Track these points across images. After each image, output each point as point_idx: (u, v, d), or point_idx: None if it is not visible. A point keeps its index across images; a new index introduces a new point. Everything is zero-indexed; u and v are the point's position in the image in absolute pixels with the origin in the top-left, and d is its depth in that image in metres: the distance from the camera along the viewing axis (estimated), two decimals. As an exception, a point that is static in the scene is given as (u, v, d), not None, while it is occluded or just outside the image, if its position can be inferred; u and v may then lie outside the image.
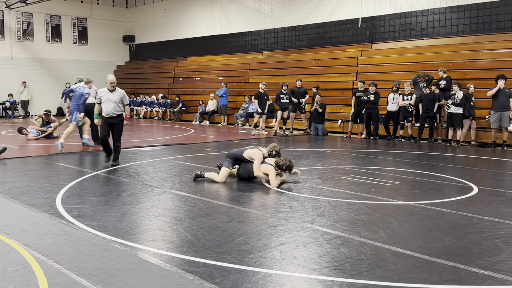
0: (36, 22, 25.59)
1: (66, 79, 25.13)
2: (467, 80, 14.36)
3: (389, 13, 17.66)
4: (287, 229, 5.14)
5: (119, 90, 9.42)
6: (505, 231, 5.18)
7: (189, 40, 25.57)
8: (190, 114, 22.06)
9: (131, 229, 5.14)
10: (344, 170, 9.16)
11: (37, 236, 4.82)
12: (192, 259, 4.19)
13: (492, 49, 14.74)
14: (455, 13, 16.06)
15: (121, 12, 28.77)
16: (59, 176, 8.12)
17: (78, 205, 6.09)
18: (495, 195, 7.02)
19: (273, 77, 19.34)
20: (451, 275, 3.92)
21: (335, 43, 19.34)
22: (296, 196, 6.74)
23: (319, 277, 3.85)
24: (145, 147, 12.10)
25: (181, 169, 8.98)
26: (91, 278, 3.74)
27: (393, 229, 5.22)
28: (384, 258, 4.30)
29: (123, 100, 9.30)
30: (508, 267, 4.09)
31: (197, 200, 6.51)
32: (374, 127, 14.91)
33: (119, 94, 9.31)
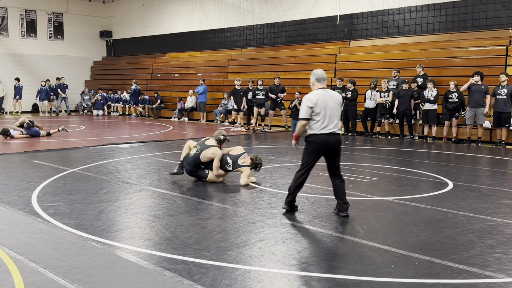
0: (11, 16, 25.06)
1: (42, 75, 24.77)
2: (443, 77, 14.60)
3: (366, 11, 17.81)
4: (266, 226, 5.16)
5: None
6: (479, 225, 5.29)
7: (167, 36, 25.37)
8: (168, 110, 21.92)
9: (109, 227, 5.10)
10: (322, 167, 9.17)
11: (12, 235, 4.75)
12: (171, 257, 4.18)
13: (467, 47, 15.00)
14: (431, 11, 16.28)
15: (97, 7, 28.37)
16: (35, 173, 8.00)
17: (54, 203, 6.01)
18: (470, 190, 7.16)
19: (252, 74, 19.33)
20: (426, 269, 3.99)
21: (313, 40, 19.43)
22: (275, 193, 6.77)
23: (297, 273, 3.88)
24: (123, 144, 11.98)
25: (160, 166, 8.93)
26: (68, 277, 3.70)
27: (370, 224, 5.28)
28: (362, 253, 4.35)
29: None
30: (482, 261, 4.18)
31: (176, 197, 6.48)
32: (352, 124, 15.03)
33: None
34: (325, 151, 5.51)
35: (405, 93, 13.77)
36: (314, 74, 5.65)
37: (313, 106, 5.40)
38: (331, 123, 5.46)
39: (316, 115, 5.41)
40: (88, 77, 28.18)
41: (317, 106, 5.39)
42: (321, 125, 5.42)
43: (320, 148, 5.47)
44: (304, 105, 5.47)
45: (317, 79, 5.61)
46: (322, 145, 5.45)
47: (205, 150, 7.27)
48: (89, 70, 28.38)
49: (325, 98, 5.45)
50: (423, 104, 13.54)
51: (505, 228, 5.22)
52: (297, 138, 5.74)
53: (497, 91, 12.44)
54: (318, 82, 5.59)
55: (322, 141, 5.44)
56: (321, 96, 5.45)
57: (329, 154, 5.53)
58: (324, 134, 5.43)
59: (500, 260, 4.22)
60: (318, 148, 5.47)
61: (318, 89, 5.55)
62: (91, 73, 28.40)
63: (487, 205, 6.21)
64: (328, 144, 5.46)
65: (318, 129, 5.43)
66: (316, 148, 5.47)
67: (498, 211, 5.91)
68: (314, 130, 5.46)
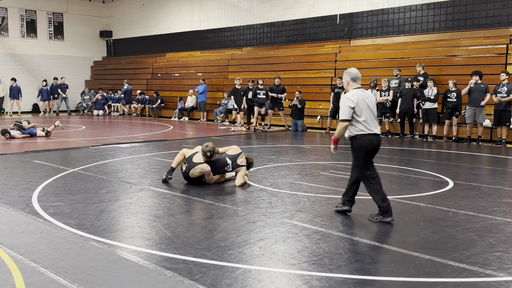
0: (11, 17, 25.05)
1: (42, 75, 24.75)
2: (443, 76, 14.59)
3: (366, 10, 17.80)
4: (266, 225, 5.16)
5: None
6: (480, 224, 5.29)
7: (167, 35, 25.37)
8: (169, 110, 21.92)
9: (109, 226, 5.10)
10: (323, 166, 9.23)
11: (13, 235, 4.75)
12: (171, 256, 4.18)
13: (467, 46, 14.99)
14: (431, 10, 16.27)
15: (97, 7, 28.36)
16: (35, 173, 8.00)
17: (54, 203, 6.01)
18: (470, 189, 7.16)
19: (252, 73, 19.32)
20: (427, 268, 3.99)
21: (313, 40, 19.42)
22: (276, 192, 6.77)
23: (298, 272, 3.89)
24: (123, 144, 11.99)
25: (160, 166, 8.93)
26: (69, 277, 3.71)
27: (371, 223, 5.28)
28: (362, 252, 4.35)
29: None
30: (482, 260, 4.18)
31: (176, 197, 6.48)
32: (352, 123, 15.00)
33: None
34: (371, 152, 5.32)
35: (407, 92, 13.75)
36: (349, 73, 5.38)
37: (354, 106, 5.17)
38: (374, 123, 5.30)
39: (358, 116, 5.19)
40: (88, 77, 28.18)
41: (358, 106, 5.18)
42: (365, 126, 5.22)
43: (368, 148, 5.27)
44: (344, 105, 5.22)
45: (352, 79, 5.34)
46: (369, 146, 5.26)
47: (192, 169, 7.04)
48: (89, 70, 28.38)
49: (364, 98, 5.25)
50: (424, 103, 13.54)
51: (505, 226, 5.22)
52: (337, 141, 5.48)
53: (498, 90, 12.44)
54: (354, 81, 5.34)
55: (369, 142, 5.25)
56: (360, 96, 5.23)
57: (372, 154, 5.35)
58: (372, 134, 5.25)
59: (500, 258, 4.22)
60: (366, 149, 5.27)
61: (354, 89, 5.31)
62: (91, 73, 28.39)
63: (488, 204, 6.21)
64: (374, 145, 5.28)
65: (363, 130, 5.22)
66: (365, 150, 5.27)
67: (498, 210, 5.91)
68: (359, 131, 5.24)
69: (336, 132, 5.40)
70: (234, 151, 7.47)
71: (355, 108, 5.18)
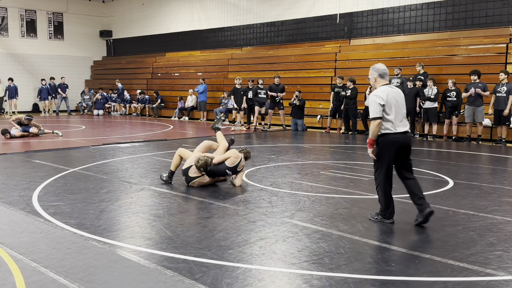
0: (11, 16, 25.05)
1: (42, 75, 24.73)
2: (443, 75, 14.59)
3: (366, 9, 17.79)
4: (266, 224, 5.16)
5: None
6: (480, 223, 5.29)
7: (167, 35, 25.36)
8: (169, 110, 21.92)
9: (110, 226, 5.10)
10: (323, 165, 9.23)
11: (13, 235, 4.75)
12: (172, 256, 4.18)
13: (467, 45, 14.98)
14: (431, 9, 16.27)
15: (97, 6, 28.35)
16: (35, 173, 8.00)
17: (55, 203, 6.01)
18: (470, 188, 7.16)
19: (252, 73, 19.32)
20: (427, 267, 4.00)
21: (313, 39, 19.41)
22: (276, 191, 6.77)
23: (298, 271, 3.89)
24: (123, 144, 11.99)
25: (160, 165, 8.93)
26: (69, 276, 3.71)
27: (371, 222, 5.28)
28: (362, 252, 4.35)
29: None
30: (482, 259, 4.18)
31: (176, 196, 6.49)
32: (353, 123, 15.04)
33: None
34: (399, 151, 5.06)
35: (410, 91, 13.73)
36: (376, 69, 5.15)
37: (384, 103, 4.95)
38: (403, 120, 5.08)
39: (387, 114, 4.97)
40: (88, 77, 28.18)
41: (388, 103, 4.97)
42: (394, 124, 4.99)
43: (394, 148, 5.01)
44: (374, 103, 4.97)
45: (380, 75, 5.11)
46: (397, 144, 5.01)
47: (191, 183, 7.00)
48: (89, 70, 28.38)
49: (393, 95, 5.04)
50: (424, 102, 13.55)
51: (505, 226, 5.22)
52: (373, 143, 5.12)
53: (497, 89, 12.45)
54: (381, 78, 5.12)
55: (397, 140, 4.99)
56: (389, 92, 5.02)
57: (402, 154, 5.10)
58: (399, 133, 5.00)
59: (500, 258, 4.22)
60: (392, 149, 5.01)
61: (382, 85, 5.10)
62: (91, 73, 28.39)
63: (488, 203, 6.22)
64: (404, 143, 5.04)
65: (392, 128, 4.99)
66: (390, 149, 5.01)
67: (498, 209, 5.92)
68: (387, 130, 5.00)
69: (370, 133, 5.09)
70: (233, 162, 7.05)
71: (385, 105, 4.97)
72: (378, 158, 5.13)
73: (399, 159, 5.15)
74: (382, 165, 5.11)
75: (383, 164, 5.10)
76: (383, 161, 5.10)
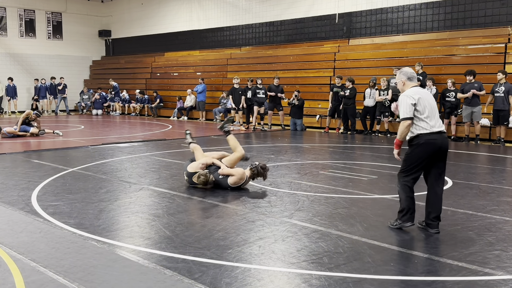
0: (10, 16, 25.02)
1: (41, 74, 24.72)
2: (442, 75, 14.60)
3: (365, 9, 17.80)
4: (266, 224, 5.16)
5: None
6: (479, 223, 5.30)
7: (166, 35, 25.35)
8: (168, 109, 21.92)
9: (109, 226, 5.11)
10: (322, 165, 9.24)
11: (13, 234, 4.75)
12: (171, 255, 4.18)
13: (466, 45, 15.00)
14: (430, 9, 16.28)
15: (96, 6, 28.33)
16: (34, 173, 8.00)
17: (54, 203, 6.01)
18: (469, 188, 7.17)
19: (251, 73, 19.34)
20: (426, 267, 4.00)
21: (312, 39, 19.42)
22: (275, 191, 6.77)
23: (297, 271, 3.89)
24: (122, 143, 11.98)
25: (159, 165, 8.93)
26: (68, 276, 3.71)
27: (370, 222, 5.29)
28: (361, 251, 4.36)
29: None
30: (481, 259, 4.19)
31: (175, 196, 6.49)
32: (351, 122, 15.05)
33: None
34: (436, 154, 4.86)
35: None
36: (405, 73, 5.03)
37: (415, 102, 4.78)
38: (438, 121, 4.88)
39: (420, 113, 4.80)
40: (87, 77, 28.16)
41: (420, 103, 4.80)
42: (429, 124, 4.81)
43: (431, 150, 4.83)
44: (405, 103, 4.82)
45: (409, 78, 4.99)
46: (434, 146, 4.82)
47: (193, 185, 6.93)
48: (88, 70, 28.36)
49: (425, 95, 4.89)
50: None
51: (504, 225, 5.23)
52: (400, 144, 4.96)
53: (495, 89, 12.47)
54: (410, 80, 4.99)
55: (433, 141, 4.81)
56: (420, 92, 4.89)
57: (438, 157, 4.90)
58: (435, 133, 4.82)
59: (499, 257, 4.23)
60: (428, 150, 4.82)
61: (412, 87, 4.97)
62: (90, 73, 28.37)
63: (486, 203, 6.23)
64: (441, 144, 4.85)
65: (427, 128, 4.80)
66: (426, 151, 4.82)
67: (497, 209, 5.93)
68: (422, 130, 4.81)
69: (398, 134, 4.93)
70: (235, 182, 6.77)
71: (417, 104, 4.81)
72: (408, 160, 4.93)
73: (432, 163, 4.92)
74: (412, 167, 4.90)
75: (414, 166, 4.90)
76: (414, 163, 4.89)
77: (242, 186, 6.88)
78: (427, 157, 4.86)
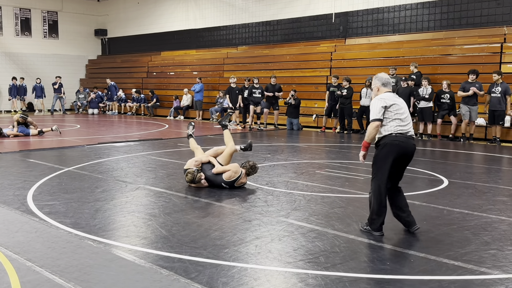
0: (5, 15, 24.93)
1: (37, 73, 24.63)
2: (438, 75, 14.64)
3: (362, 9, 17.82)
4: (262, 223, 5.16)
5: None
6: (475, 222, 5.32)
7: (162, 34, 25.31)
8: (164, 109, 21.89)
9: (105, 225, 5.09)
10: (318, 164, 9.24)
11: (8, 234, 4.74)
12: (167, 255, 4.18)
13: (462, 45, 15.04)
14: (426, 9, 16.32)
15: (92, 5, 28.25)
16: (30, 172, 7.97)
17: (50, 202, 5.99)
18: (465, 187, 7.19)
19: (248, 72, 19.33)
20: (422, 266, 4.01)
21: (309, 38, 19.43)
22: (271, 191, 6.77)
23: (294, 270, 3.89)
24: (118, 143, 11.96)
25: (156, 164, 8.92)
26: (64, 276, 3.70)
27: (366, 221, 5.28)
28: (358, 250, 4.37)
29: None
30: (477, 258, 4.20)
31: (172, 195, 6.48)
32: (348, 122, 15.07)
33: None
34: (401, 157, 4.82)
35: (404, 90, 13.75)
36: (379, 78, 5.06)
37: (386, 105, 4.80)
38: (409, 125, 4.87)
39: (392, 114, 4.80)
40: (83, 76, 28.09)
41: (392, 106, 4.81)
42: (398, 125, 4.80)
43: (396, 152, 4.77)
44: (376, 105, 4.84)
45: (383, 84, 5.02)
46: (400, 148, 4.77)
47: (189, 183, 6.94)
48: (84, 69, 28.28)
49: (397, 100, 4.90)
50: (419, 102, 13.60)
51: (500, 224, 5.25)
52: (367, 146, 4.97)
53: (492, 89, 12.50)
54: (384, 86, 5.02)
55: (399, 143, 4.76)
56: (393, 97, 4.93)
57: (403, 161, 4.87)
58: (403, 136, 4.79)
59: (495, 256, 4.24)
60: (394, 152, 4.78)
61: (385, 92, 4.99)
62: (86, 72, 28.30)
63: (482, 202, 6.25)
64: (407, 148, 4.81)
65: (394, 129, 4.79)
66: (392, 152, 4.77)
67: (493, 208, 5.95)
68: (389, 131, 4.80)
69: (366, 135, 4.96)
70: (230, 176, 6.80)
71: (388, 107, 4.82)
72: (378, 163, 4.87)
73: (397, 166, 4.87)
74: (380, 169, 4.84)
75: (381, 168, 4.83)
76: (381, 165, 4.83)
77: (237, 182, 6.85)
78: (391, 159, 4.79)
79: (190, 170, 6.80)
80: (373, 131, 4.86)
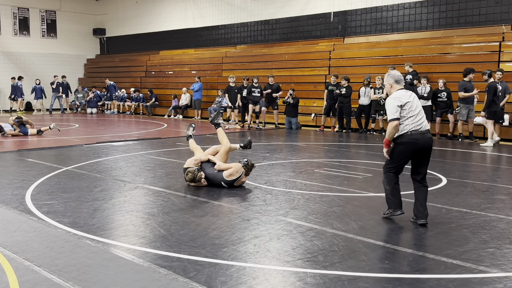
0: (3, 14, 24.89)
1: (35, 73, 24.62)
2: (436, 74, 14.64)
3: (360, 8, 17.83)
4: (261, 222, 5.16)
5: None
6: (473, 221, 5.32)
7: (161, 33, 25.29)
8: (163, 108, 21.87)
9: (103, 225, 5.09)
10: (317, 163, 9.25)
11: (7, 233, 4.73)
12: (166, 254, 4.17)
13: (460, 43, 15.05)
14: (424, 8, 16.33)
15: (90, 4, 28.22)
16: (28, 172, 7.96)
17: (48, 201, 5.98)
18: (463, 186, 7.19)
19: (247, 71, 19.32)
20: (420, 265, 4.01)
21: (307, 37, 19.43)
22: (270, 190, 6.77)
23: (292, 269, 3.89)
24: (117, 142, 11.95)
25: (154, 164, 8.92)
26: (63, 275, 3.70)
27: (365, 220, 5.30)
28: (356, 249, 4.37)
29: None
30: (475, 256, 4.20)
31: (170, 195, 6.47)
32: (347, 121, 15.07)
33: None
34: (418, 152, 5.07)
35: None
36: (392, 76, 5.24)
37: (402, 104, 5.00)
38: (424, 121, 5.10)
39: (406, 112, 5.01)
40: (82, 75, 28.06)
41: (406, 105, 5.01)
42: (413, 122, 5.02)
43: (412, 148, 5.04)
44: (392, 105, 5.03)
45: (396, 81, 5.20)
46: (417, 145, 5.02)
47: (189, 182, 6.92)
48: (82, 68, 28.25)
49: (410, 97, 5.10)
50: (417, 101, 13.62)
51: (498, 223, 5.25)
52: (389, 143, 5.15)
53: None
54: (397, 83, 5.20)
55: (414, 141, 5.01)
56: (405, 94, 5.11)
57: (423, 154, 5.11)
58: (418, 133, 5.03)
59: (493, 255, 4.25)
60: (410, 149, 5.05)
61: (398, 89, 5.17)
62: (85, 71, 28.27)
63: (481, 201, 6.25)
64: (424, 143, 5.04)
65: (410, 128, 5.01)
66: (408, 149, 5.05)
67: (491, 207, 5.95)
68: (405, 130, 5.03)
69: (386, 134, 5.13)
70: (231, 175, 6.79)
71: (404, 106, 5.02)
72: (393, 158, 5.17)
73: (417, 161, 5.16)
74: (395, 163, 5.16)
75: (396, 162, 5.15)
76: (396, 160, 5.15)
77: (236, 182, 6.85)
78: (407, 155, 5.13)
79: (191, 169, 6.79)
80: (392, 130, 5.08)
